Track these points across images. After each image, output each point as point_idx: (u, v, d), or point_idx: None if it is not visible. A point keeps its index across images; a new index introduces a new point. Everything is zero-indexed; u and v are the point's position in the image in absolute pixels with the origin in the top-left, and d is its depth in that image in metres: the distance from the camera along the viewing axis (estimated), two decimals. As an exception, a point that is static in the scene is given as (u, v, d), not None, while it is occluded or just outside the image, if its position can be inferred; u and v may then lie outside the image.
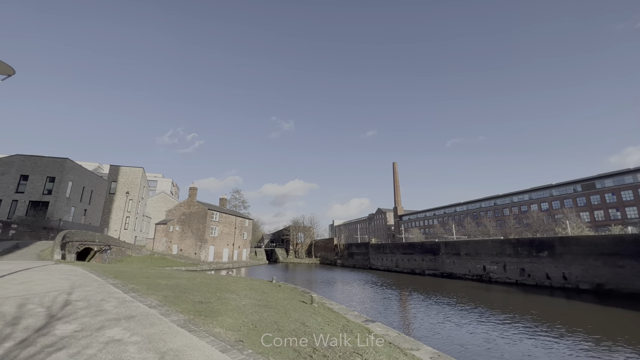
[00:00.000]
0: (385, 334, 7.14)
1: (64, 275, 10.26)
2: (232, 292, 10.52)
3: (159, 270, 15.19)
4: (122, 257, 35.92)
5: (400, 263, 39.27)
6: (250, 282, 15.12)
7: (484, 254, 27.99)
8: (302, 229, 74.26)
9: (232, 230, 50.52)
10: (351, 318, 8.69)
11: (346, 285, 27.95)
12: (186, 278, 12.62)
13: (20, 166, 35.10)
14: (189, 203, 45.93)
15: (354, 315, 9.17)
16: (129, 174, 54.88)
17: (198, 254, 42.42)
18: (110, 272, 12.10)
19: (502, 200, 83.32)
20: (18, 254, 19.46)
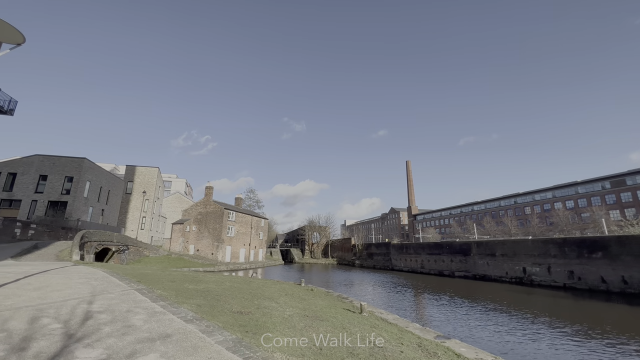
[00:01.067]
0: (478, 357, 5.68)
1: (83, 279, 9.26)
2: (268, 298, 9.28)
3: (182, 272, 14.15)
4: (139, 257, 35.57)
5: (426, 264, 37.38)
6: (281, 285, 13.89)
7: (523, 254, 25.93)
8: (317, 228, 73.01)
9: (248, 230, 49.76)
10: (419, 333, 7.28)
11: (372, 288, 26.43)
12: (214, 282, 11.50)
13: (39, 166, 35.22)
14: (205, 202, 45.40)
15: (419, 329, 7.75)
16: (145, 173, 55.01)
17: (215, 254, 41.78)
18: (132, 275, 11.10)
19: (522, 199, 79.96)
20: (37, 255, 18.93)
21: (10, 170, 34.37)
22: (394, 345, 5.84)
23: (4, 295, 6.54)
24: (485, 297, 20.73)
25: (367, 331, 6.82)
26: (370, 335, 6.38)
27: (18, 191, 33.80)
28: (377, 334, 6.52)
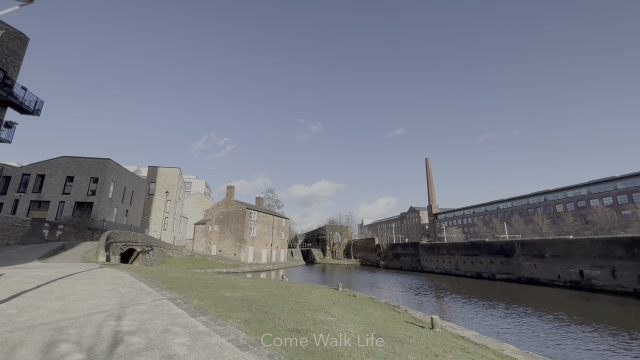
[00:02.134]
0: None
1: (110, 284, 8.25)
2: (318, 309, 7.92)
3: (212, 276, 13.06)
4: (163, 258, 35.43)
5: (461, 265, 35.03)
6: (321, 291, 12.54)
7: (579, 255, 23.29)
8: (338, 228, 71.47)
9: (269, 230, 49.01)
10: (523, 359, 5.66)
11: (408, 292, 24.61)
12: (250, 287, 10.28)
13: (66, 168, 35.79)
14: (226, 202, 44.99)
15: (520, 353, 6.12)
16: (167, 174, 55.50)
17: (238, 254, 41.22)
18: (162, 280, 10.08)
19: (553, 196, 75.31)
20: (64, 256, 18.58)
21: (39, 172, 35.11)
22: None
23: (20, 307, 5.51)
24: (543, 304, 18.53)
25: (461, 357, 5.30)
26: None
27: (46, 192, 34.45)
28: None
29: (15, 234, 21.27)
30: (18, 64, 23.18)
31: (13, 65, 22.69)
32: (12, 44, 22.40)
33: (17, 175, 34.25)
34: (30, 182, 34.39)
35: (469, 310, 17.73)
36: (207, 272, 14.99)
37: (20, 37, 23.25)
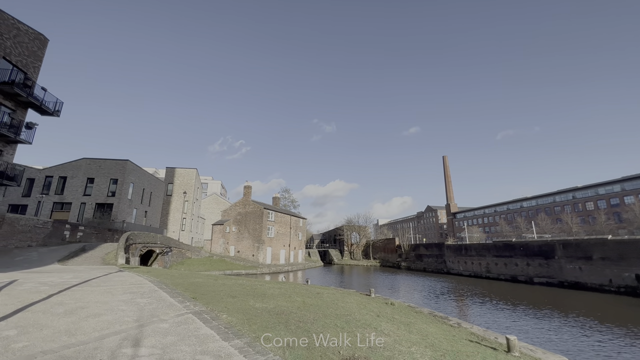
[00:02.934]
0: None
1: (127, 293, 7.36)
2: (366, 325, 6.72)
3: (237, 281, 12.13)
4: (182, 259, 35.21)
5: (492, 268, 32.88)
6: (355, 298, 11.34)
7: (634, 258, 20.97)
8: (356, 228, 69.93)
9: (287, 231, 48.21)
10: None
11: (440, 299, 22.96)
12: (281, 296, 9.21)
13: (87, 169, 36.18)
14: (244, 202, 44.50)
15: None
16: (184, 175, 55.79)
17: (256, 255, 40.60)
18: (183, 287, 9.16)
19: (583, 193, 71.06)
20: (83, 258, 18.22)
21: (61, 174, 35.65)
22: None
23: (22, 326, 4.62)
24: (607, 314, 16.55)
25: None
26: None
27: (68, 194, 34.91)
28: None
29: (37, 235, 21.23)
30: (38, 65, 23.23)
31: (33, 67, 22.73)
32: (31, 45, 22.42)
33: (40, 177, 34.88)
34: (52, 184, 34.97)
35: (525, 322, 15.81)
36: (229, 277, 14.10)
37: (39, 38, 23.29)
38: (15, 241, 19.53)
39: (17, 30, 21.11)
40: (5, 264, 13.94)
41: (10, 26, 20.58)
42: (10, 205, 33.41)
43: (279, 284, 13.12)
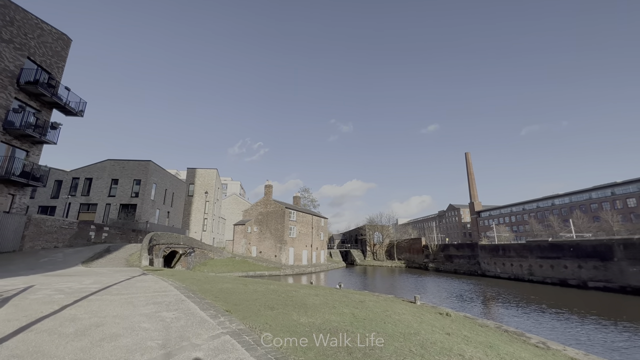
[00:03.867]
0: None
1: (151, 304, 6.29)
2: (447, 350, 5.27)
3: (267, 286, 10.97)
4: (205, 260, 34.86)
5: (536, 270, 30.17)
6: (404, 308, 9.89)
7: None
8: (379, 228, 67.86)
9: (309, 231, 47.12)
10: None
11: (486, 305, 20.92)
12: (323, 306, 7.90)
13: (111, 171, 36.58)
14: (265, 202, 43.82)
15: None
16: (205, 175, 55.98)
17: (278, 256, 39.76)
18: (212, 295, 8.07)
19: (623, 189, 65.81)
20: (108, 259, 17.77)
21: (87, 176, 36.23)
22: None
23: (18, 356, 3.54)
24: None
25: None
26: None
27: (94, 195, 35.41)
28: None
29: (63, 236, 21.15)
30: (62, 65, 23.24)
31: (57, 67, 22.74)
32: (55, 45, 22.43)
33: (67, 179, 35.59)
34: (79, 186, 35.59)
35: (612, 336, 13.64)
36: (258, 281, 13.00)
37: (62, 38, 23.31)
38: (42, 242, 19.44)
39: (40, 30, 21.11)
40: (29, 266, 13.52)
41: (34, 26, 20.58)
42: (40, 207, 34.27)
43: (313, 290, 11.86)
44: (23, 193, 19.51)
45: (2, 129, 18.09)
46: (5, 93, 18.35)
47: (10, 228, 17.43)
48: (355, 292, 14.30)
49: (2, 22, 18.09)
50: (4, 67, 18.22)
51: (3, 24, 18.17)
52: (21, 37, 19.45)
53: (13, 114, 18.62)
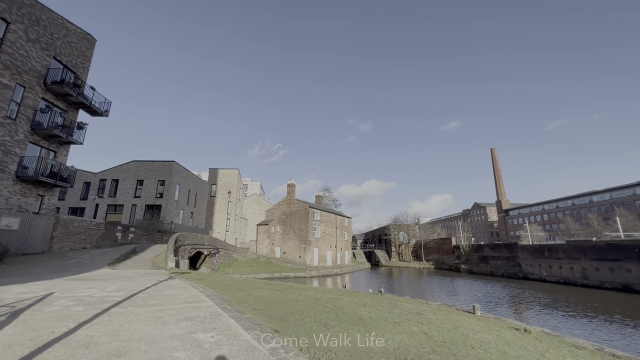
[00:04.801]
0: None
1: (182, 321, 5.16)
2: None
3: (307, 293, 9.77)
4: (229, 261, 34.37)
5: (591, 273, 27.21)
6: (469, 321, 8.32)
7: None
8: (404, 227, 65.40)
9: (333, 230, 45.78)
10: None
11: (547, 314, 18.68)
12: (382, 319, 6.52)
13: (136, 172, 36.91)
14: (288, 201, 42.95)
15: None
16: (226, 176, 56.01)
17: (303, 257, 38.73)
18: (251, 305, 6.90)
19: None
20: (134, 261, 17.25)
21: (113, 177, 36.76)
22: None
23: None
24: None
25: None
26: None
27: (120, 196, 35.83)
28: None
29: (90, 237, 21.02)
30: (87, 65, 23.24)
31: (82, 67, 22.73)
32: (80, 45, 22.40)
33: (95, 180, 36.24)
34: (106, 187, 36.15)
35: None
36: (292, 285, 11.81)
37: (87, 38, 23.30)
38: (70, 243, 19.31)
39: (66, 30, 21.07)
40: (55, 268, 13.07)
41: (60, 26, 20.54)
42: (70, 208, 35.08)
43: (357, 297, 10.49)
44: (52, 194, 19.47)
45: (30, 129, 18.05)
46: (33, 93, 18.31)
47: (39, 229, 17.30)
48: (401, 299, 12.81)
49: (28, 22, 18.05)
50: (31, 67, 18.17)
51: (29, 24, 18.13)
52: (47, 37, 19.42)
53: (40, 114, 18.56)
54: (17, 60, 17.23)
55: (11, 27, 16.94)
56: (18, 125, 17.37)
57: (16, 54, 17.19)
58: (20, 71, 17.42)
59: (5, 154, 16.53)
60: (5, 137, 16.57)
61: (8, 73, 16.72)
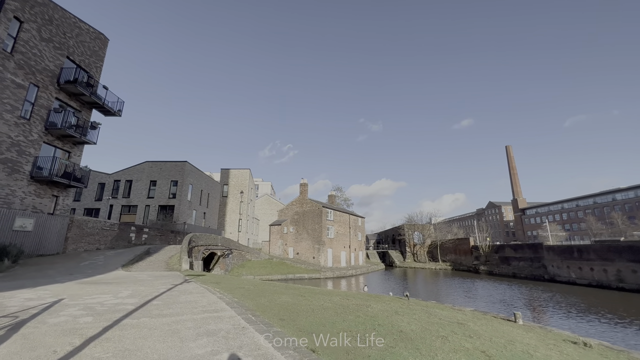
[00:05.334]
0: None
1: (203, 335, 4.47)
2: None
3: (331, 298, 9.01)
4: (242, 261, 33.97)
5: (627, 276, 25.45)
6: (532, 336, 7.41)
7: None
8: (419, 227, 63.87)
9: (346, 231, 44.90)
10: None
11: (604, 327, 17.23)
12: (426, 332, 5.70)
13: (149, 172, 36.96)
14: (301, 201, 42.32)
15: None
16: (238, 176, 55.87)
17: (317, 258, 38.02)
18: (274, 313, 6.19)
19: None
20: (148, 262, 16.87)
21: (127, 178, 36.91)
22: None
23: None
24: None
25: None
26: None
27: (134, 197, 35.92)
28: None
29: (104, 238, 20.85)
30: (100, 65, 23.12)
31: (95, 66, 22.61)
32: (93, 45, 22.27)
33: (109, 181, 36.46)
34: (120, 188, 36.32)
35: None
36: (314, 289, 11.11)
37: (100, 38, 23.19)
38: (85, 244, 19.14)
39: (78, 30, 20.95)
40: (69, 270, 12.73)
41: (72, 25, 20.42)
42: (86, 209, 35.38)
43: (386, 303, 9.66)
44: (66, 194, 19.34)
45: (44, 129, 17.93)
46: (47, 93, 18.18)
47: (54, 230, 17.13)
48: (431, 304, 11.90)
49: (41, 21, 17.92)
50: (44, 66, 18.05)
51: (42, 23, 18.00)
52: (60, 36, 19.29)
53: (54, 114, 18.43)
54: (30, 60, 17.11)
55: (24, 26, 16.81)
56: (32, 125, 17.24)
57: (29, 53, 17.07)
58: (33, 70, 17.29)
59: (19, 154, 16.40)
60: (19, 137, 16.45)
61: (22, 72, 16.59)
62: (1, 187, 15.34)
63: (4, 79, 15.60)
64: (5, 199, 15.46)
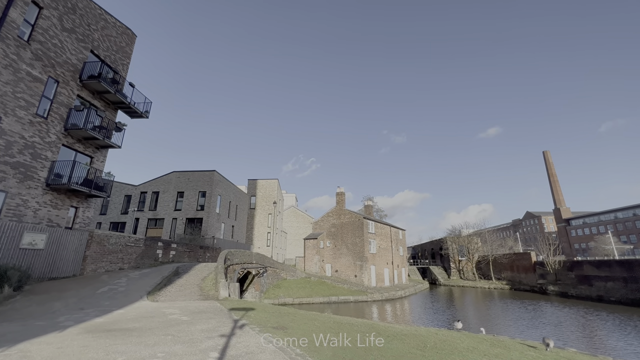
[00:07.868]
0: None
1: None
2: None
3: (421, 339, 5.03)
4: (277, 280, 30.61)
5: None
6: None
7: None
8: (464, 240, 57.98)
9: (388, 245, 40.57)
10: None
11: None
12: None
13: (177, 183, 35.05)
14: (338, 212, 38.72)
15: None
16: (266, 187, 53.43)
17: (359, 276, 33.95)
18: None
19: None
20: (178, 287, 13.86)
21: (154, 190, 35.17)
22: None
23: None
24: None
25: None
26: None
27: (161, 210, 33.96)
28: None
29: (129, 256, 18.27)
30: (126, 63, 21.26)
31: (122, 64, 20.74)
32: (119, 40, 20.49)
33: (136, 193, 34.84)
34: (146, 200, 34.56)
35: None
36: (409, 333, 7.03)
37: (127, 33, 21.45)
38: (106, 263, 16.58)
39: (104, 22, 19.20)
40: (81, 301, 9.89)
41: (98, 17, 18.67)
42: (111, 223, 33.78)
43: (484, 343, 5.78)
44: (87, 205, 17.04)
45: (64, 130, 15.84)
46: (67, 89, 16.20)
47: (71, 247, 14.66)
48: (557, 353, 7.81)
49: (63, 9, 16.14)
50: (66, 59, 16.14)
51: (65, 11, 16.21)
52: (84, 28, 17.49)
53: (75, 113, 16.37)
54: (49, 51, 15.19)
55: (44, 12, 14.98)
56: (50, 125, 15.15)
57: (49, 44, 15.17)
58: (53, 63, 15.35)
59: (34, 157, 14.22)
60: (34, 137, 14.31)
61: (39, 64, 14.63)
62: (11, 197, 13.06)
63: (18, 70, 13.61)
64: (15, 210, 13.15)
